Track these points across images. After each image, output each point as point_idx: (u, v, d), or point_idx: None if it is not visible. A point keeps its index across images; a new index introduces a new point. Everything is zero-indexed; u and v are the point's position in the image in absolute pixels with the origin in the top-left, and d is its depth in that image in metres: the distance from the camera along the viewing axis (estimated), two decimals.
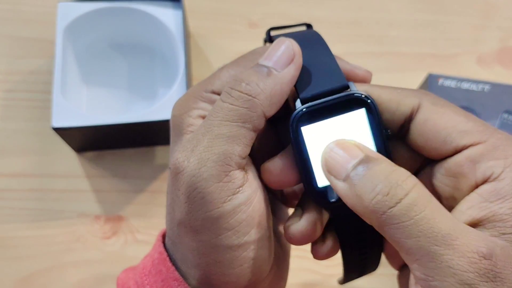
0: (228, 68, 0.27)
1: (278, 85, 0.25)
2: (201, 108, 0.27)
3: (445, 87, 0.50)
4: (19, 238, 0.49)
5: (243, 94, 0.24)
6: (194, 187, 0.24)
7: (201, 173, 0.24)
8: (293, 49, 0.25)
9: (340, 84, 0.25)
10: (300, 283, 0.49)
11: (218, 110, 0.24)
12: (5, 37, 0.57)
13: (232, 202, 0.24)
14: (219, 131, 0.24)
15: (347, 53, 0.57)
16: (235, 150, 0.24)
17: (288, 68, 0.25)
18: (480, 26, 0.61)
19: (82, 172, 0.52)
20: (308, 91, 0.25)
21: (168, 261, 0.26)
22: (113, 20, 0.52)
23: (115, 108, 0.53)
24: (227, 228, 0.24)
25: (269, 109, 0.24)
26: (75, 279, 0.48)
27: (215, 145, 0.24)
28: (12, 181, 0.51)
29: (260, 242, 0.25)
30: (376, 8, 0.61)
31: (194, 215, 0.24)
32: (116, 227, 0.50)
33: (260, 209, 0.25)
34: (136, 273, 0.28)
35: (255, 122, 0.24)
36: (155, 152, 0.53)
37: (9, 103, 0.54)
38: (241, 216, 0.24)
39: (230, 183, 0.24)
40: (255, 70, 0.25)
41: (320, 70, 0.26)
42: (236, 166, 0.24)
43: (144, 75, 0.55)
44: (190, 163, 0.24)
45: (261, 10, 0.60)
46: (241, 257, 0.25)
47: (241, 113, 0.24)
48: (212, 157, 0.24)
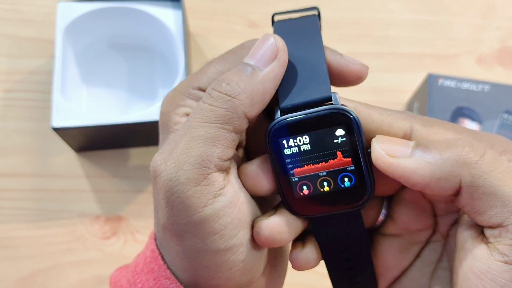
0: (215, 63, 0.27)
1: (260, 83, 0.24)
2: (188, 106, 0.26)
3: (445, 87, 0.50)
4: (19, 238, 0.49)
5: (223, 94, 0.23)
6: (172, 191, 0.23)
7: (178, 176, 0.23)
8: (276, 45, 0.24)
9: (323, 95, 0.24)
10: (299, 283, 0.49)
11: (197, 112, 0.24)
12: (5, 37, 0.57)
13: (214, 205, 0.23)
14: (197, 132, 0.23)
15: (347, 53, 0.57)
16: (214, 152, 0.23)
17: (271, 65, 0.24)
18: (480, 26, 0.61)
19: (82, 172, 0.52)
20: (289, 99, 0.24)
21: (160, 259, 0.26)
22: (113, 20, 0.52)
23: (115, 108, 0.53)
24: (212, 232, 0.23)
25: (251, 109, 0.24)
26: (75, 279, 0.48)
27: (193, 147, 0.23)
28: (12, 181, 0.51)
29: (250, 244, 0.25)
30: (376, 8, 0.61)
31: (176, 220, 0.23)
32: (116, 227, 0.50)
33: (246, 210, 0.24)
34: (129, 272, 0.27)
35: (235, 123, 0.23)
36: (155, 152, 0.53)
37: (9, 103, 0.54)
38: (225, 219, 0.23)
39: (209, 186, 0.23)
40: (238, 69, 0.24)
41: (306, 73, 0.25)
42: (215, 168, 0.23)
43: (144, 75, 0.55)
44: (167, 166, 0.23)
45: (261, 10, 0.60)
46: (229, 260, 0.24)
47: (220, 114, 0.23)
48: (189, 159, 0.23)
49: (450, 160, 0.22)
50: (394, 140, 0.24)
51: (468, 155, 0.22)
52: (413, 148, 0.23)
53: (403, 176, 0.23)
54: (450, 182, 0.22)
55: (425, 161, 0.22)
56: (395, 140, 0.24)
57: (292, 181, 0.24)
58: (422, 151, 0.23)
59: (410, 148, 0.23)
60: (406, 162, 0.23)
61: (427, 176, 0.22)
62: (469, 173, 0.22)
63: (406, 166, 0.23)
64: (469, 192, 0.22)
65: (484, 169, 0.22)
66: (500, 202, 0.21)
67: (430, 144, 0.23)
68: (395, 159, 0.23)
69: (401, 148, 0.23)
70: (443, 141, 0.23)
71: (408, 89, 0.56)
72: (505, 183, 0.21)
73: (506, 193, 0.21)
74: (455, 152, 0.22)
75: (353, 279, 0.27)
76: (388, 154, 0.23)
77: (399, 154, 0.23)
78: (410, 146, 0.23)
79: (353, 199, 0.24)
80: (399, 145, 0.23)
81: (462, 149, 0.22)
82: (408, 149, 0.23)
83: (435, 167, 0.22)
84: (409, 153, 0.23)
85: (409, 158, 0.23)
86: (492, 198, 0.21)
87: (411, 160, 0.23)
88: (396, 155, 0.23)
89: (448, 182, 0.22)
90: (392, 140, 0.23)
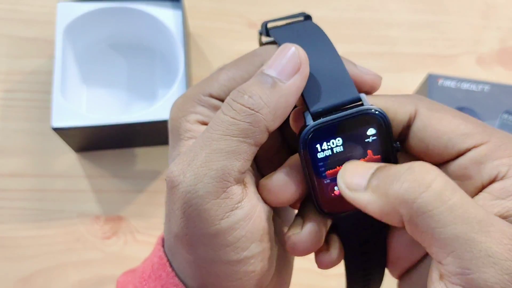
0: (227, 70, 0.26)
1: (283, 97, 0.23)
2: (199, 113, 0.26)
3: (445, 87, 0.50)
4: (19, 238, 0.49)
5: (245, 108, 0.23)
6: (189, 204, 0.23)
7: (197, 189, 0.22)
8: (299, 57, 0.24)
9: (352, 96, 0.24)
10: (300, 283, 0.49)
11: (218, 123, 0.23)
12: (5, 37, 0.57)
13: (230, 219, 0.23)
14: (218, 145, 0.23)
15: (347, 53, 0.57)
16: (235, 166, 0.23)
17: (294, 78, 0.23)
18: (480, 26, 0.61)
19: (82, 172, 0.52)
20: (319, 104, 0.24)
21: (168, 266, 0.26)
22: (113, 20, 0.52)
23: (115, 108, 0.53)
24: (226, 244, 0.23)
25: (273, 123, 0.23)
26: (75, 279, 0.48)
27: (213, 160, 0.22)
28: (12, 181, 0.51)
29: (261, 255, 0.24)
30: (376, 8, 0.61)
31: (190, 231, 0.23)
32: (116, 227, 0.50)
33: (260, 223, 0.24)
34: (136, 277, 0.27)
35: (257, 138, 0.23)
36: (155, 152, 0.53)
37: (9, 103, 0.54)
38: (240, 232, 0.23)
39: (228, 200, 0.23)
40: (259, 81, 0.23)
41: (328, 77, 0.25)
42: (234, 181, 0.23)
43: (144, 75, 0.55)
44: (186, 178, 0.23)
45: (260, 10, 0.60)
46: (240, 271, 0.24)
47: (243, 128, 0.23)
48: (209, 172, 0.22)
49: (392, 196, 0.22)
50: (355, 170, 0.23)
51: (406, 192, 0.21)
52: (370, 178, 0.23)
53: (362, 208, 0.23)
54: (395, 217, 0.22)
55: (375, 196, 0.22)
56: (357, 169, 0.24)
57: (324, 183, 0.24)
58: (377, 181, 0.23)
59: (367, 180, 0.23)
60: (361, 196, 0.23)
61: (377, 211, 0.22)
62: (407, 212, 0.21)
63: (361, 199, 0.23)
64: (410, 229, 0.22)
65: (422, 209, 0.21)
66: (437, 243, 0.21)
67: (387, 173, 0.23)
68: (353, 193, 0.23)
69: (359, 180, 0.23)
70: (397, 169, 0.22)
71: (408, 89, 0.56)
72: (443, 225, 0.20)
73: (443, 235, 0.20)
74: (396, 187, 0.22)
75: (367, 270, 0.28)
76: (347, 187, 0.23)
77: (356, 187, 0.23)
78: (367, 177, 0.23)
79: None
80: (359, 176, 0.23)
81: (401, 185, 0.21)
82: (364, 180, 0.23)
83: (382, 203, 0.22)
84: (364, 186, 0.23)
85: (363, 192, 0.23)
86: (429, 238, 0.21)
87: (365, 194, 0.23)
88: (353, 188, 0.23)
89: (394, 217, 0.22)
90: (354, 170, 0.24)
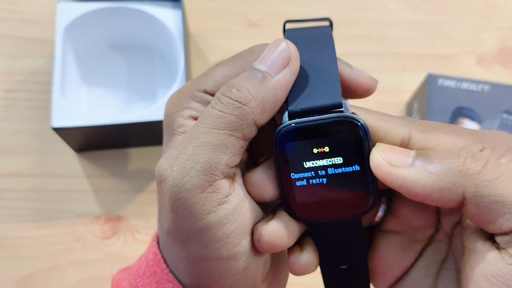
0: (222, 66, 0.26)
1: (271, 91, 0.23)
2: (193, 108, 0.26)
3: (444, 87, 0.50)
4: (19, 238, 0.49)
5: (233, 101, 0.23)
6: (177, 197, 0.23)
7: (183, 182, 0.22)
8: (289, 52, 0.24)
9: (334, 101, 0.23)
10: (300, 282, 0.49)
11: (206, 117, 0.23)
12: (5, 37, 0.57)
13: (218, 213, 0.23)
14: (205, 138, 0.23)
15: (347, 53, 0.57)
16: (221, 159, 0.23)
17: (283, 72, 0.23)
18: (480, 26, 0.61)
19: (82, 172, 0.52)
20: (298, 103, 0.24)
21: (163, 262, 0.26)
22: (113, 20, 0.52)
23: (115, 108, 0.53)
24: (215, 240, 0.23)
25: (261, 117, 0.23)
26: (75, 279, 0.48)
27: (200, 154, 0.22)
28: (12, 181, 0.51)
29: (253, 252, 0.24)
30: (376, 8, 0.61)
31: (179, 226, 0.23)
32: (116, 227, 0.50)
33: (250, 218, 0.24)
34: (131, 274, 0.27)
35: (244, 131, 0.23)
36: (155, 152, 0.53)
37: (9, 103, 0.54)
38: (229, 227, 0.23)
39: (214, 194, 0.23)
40: (248, 75, 0.24)
41: (317, 78, 0.24)
42: (222, 175, 0.23)
43: (143, 75, 0.55)
44: (173, 171, 0.23)
45: (261, 10, 0.60)
46: (232, 268, 0.24)
47: (230, 120, 0.23)
48: (196, 166, 0.22)
49: (453, 170, 0.22)
50: (395, 149, 0.23)
51: (470, 166, 0.22)
52: (414, 158, 0.22)
53: (404, 186, 0.22)
54: (453, 192, 0.22)
55: (427, 171, 0.22)
56: (396, 148, 0.23)
57: (295, 185, 0.24)
58: (423, 161, 0.22)
59: (411, 158, 0.22)
60: (406, 172, 0.22)
61: (428, 186, 0.22)
62: (472, 183, 0.21)
63: (406, 176, 0.22)
64: (475, 202, 0.22)
65: (488, 177, 0.21)
66: (508, 209, 0.21)
67: (431, 154, 0.23)
68: (395, 169, 0.22)
69: (402, 157, 0.23)
70: (444, 151, 0.23)
71: (408, 89, 0.56)
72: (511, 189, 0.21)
73: None
74: (457, 163, 0.22)
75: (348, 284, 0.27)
76: (388, 163, 0.23)
77: (399, 163, 0.22)
78: (411, 156, 0.23)
79: (357, 206, 0.24)
80: (400, 154, 0.23)
81: (464, 160, 0.22)
82: (409, 158, 0.23)
83: (437, 177, 0.22)
84: (410, 163, 0.22)
85: (410, 168, 0.22)
86: (500, 206, 0.21)
87: (412, 169, 0.22)
88: (396, 164, 0.22)
89: (451, 192, 0.22)
90: (393, 149, 0.23)
